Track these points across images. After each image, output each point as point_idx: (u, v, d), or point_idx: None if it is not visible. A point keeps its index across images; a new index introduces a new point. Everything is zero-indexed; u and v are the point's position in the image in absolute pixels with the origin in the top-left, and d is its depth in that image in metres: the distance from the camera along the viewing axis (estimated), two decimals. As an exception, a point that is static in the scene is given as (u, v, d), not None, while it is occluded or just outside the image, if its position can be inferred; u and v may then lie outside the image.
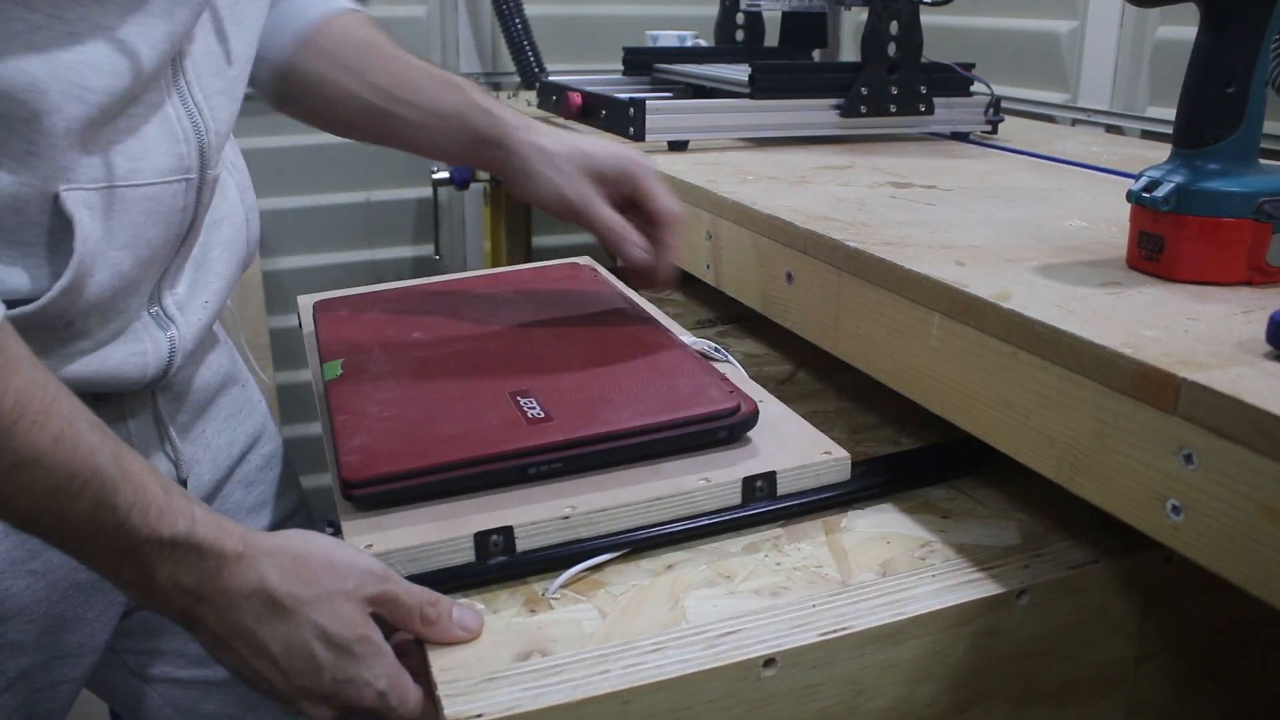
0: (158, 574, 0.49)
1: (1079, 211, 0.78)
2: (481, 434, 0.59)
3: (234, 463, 0.78)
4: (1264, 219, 0.55)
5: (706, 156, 1.03)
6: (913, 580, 0.55)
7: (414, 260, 1.90)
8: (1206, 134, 0.56)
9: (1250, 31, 0.55)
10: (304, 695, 0.52)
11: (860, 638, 0.51)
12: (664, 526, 0.57)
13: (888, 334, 0.63)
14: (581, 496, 0.57)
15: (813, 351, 0.89)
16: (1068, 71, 1.42)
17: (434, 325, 0.77)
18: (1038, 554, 0.57)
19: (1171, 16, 1.26)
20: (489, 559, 0.54)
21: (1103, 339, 0.48)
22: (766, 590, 0.54)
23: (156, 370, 0.63)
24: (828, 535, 0.60)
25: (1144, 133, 1.32)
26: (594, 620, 0.51)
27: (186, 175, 0.59)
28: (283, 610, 0.50)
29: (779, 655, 0.49)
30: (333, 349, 0.74)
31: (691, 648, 0.49)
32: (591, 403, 0.62)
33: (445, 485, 0.57)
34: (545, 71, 1.72)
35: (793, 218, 0.74)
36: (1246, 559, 0.41)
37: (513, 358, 0.70)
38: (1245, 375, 0.43)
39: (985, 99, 1.16)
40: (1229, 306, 0.54)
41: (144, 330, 0.62)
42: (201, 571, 0.49)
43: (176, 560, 0.49)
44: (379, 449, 0.58)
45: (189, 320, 0.65)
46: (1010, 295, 0.55)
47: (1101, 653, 0.58)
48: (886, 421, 0.75)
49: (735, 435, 0.62)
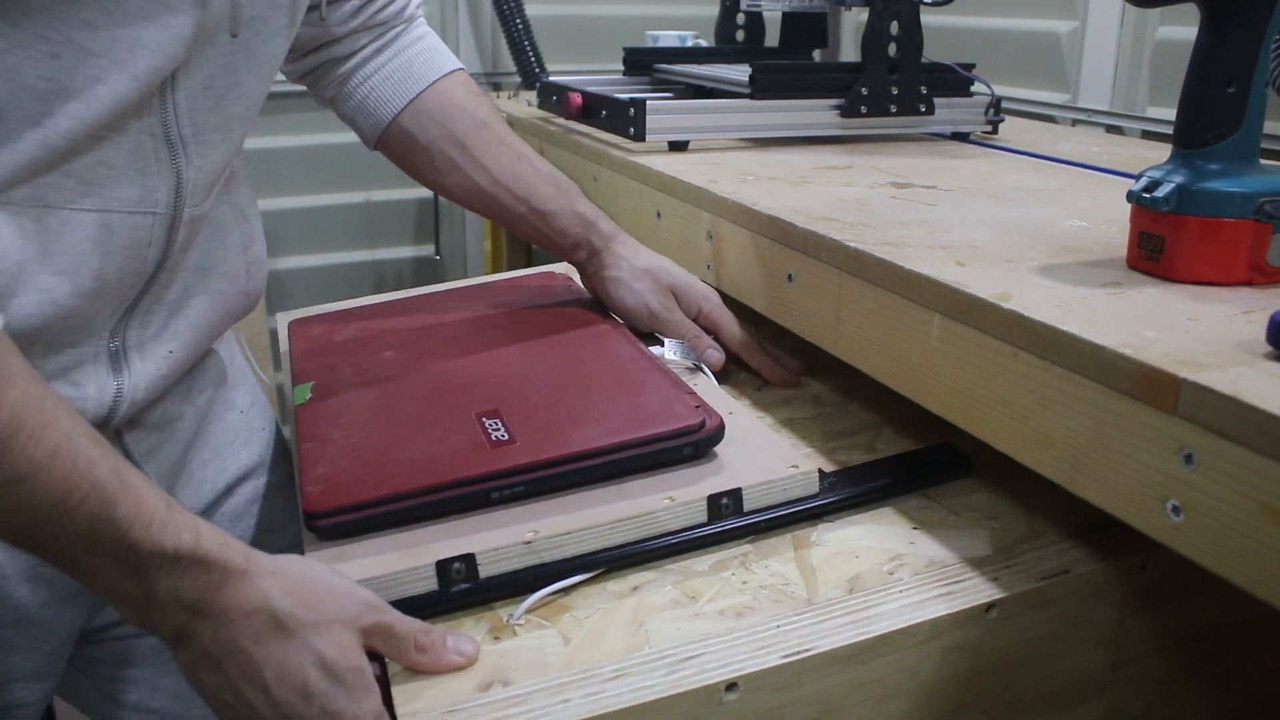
0: (158, 588, 0.48)
1: (1079, 212, 0.78)
2: (445, 459, 0.59)
3: (218, 495, 0.74)
4: (1264, 219, 0.55)
5: (707, 157, 1.03)
6: (880, 596, 0.54)
7: (414, 260, 1.90)
8: (1207, 134, 0.56)
9: (1250, 31, 0.55)
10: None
11: (825, 658, 0.50)
12: (629, 548, 0.57)
13: (888, 334, 0.63)
14: (545, 520, 0.56)
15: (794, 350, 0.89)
16: (1068, 72, 1.41)
17: (406, 343, 0.77)
18: (1008, 565, 0.57)
19: (1171, 16, 1.25)
20: (452, 587, 0.54)
21: (1103, 339, 0.48)
22: (731, 611, 0.53)
23: (94, 419, 0.59)
24: (796, 551, 0.59)
25: (1144, 133, 1.32)
26: (557, 647, 0.51)
27: (153, 210, 0.56)
28: (283, 631, 0.49)
29: (741, 679, 0.48)
30: (304, 371, 0.74)
31: (653, 674, 0.48)
32: (556, 422, 0.62)
33: (408, 513, 0.56)
34: (546, 71, 1.72)
35: (793, 218, 0.74)
36: (1247, 559, 0.41)
37: (481, 376, 0.70)
38: (1246, 375, 0.43)
39: (985, 99, 1.16)
40: (1229, 307, 0.54)
41: (91, 373, 0.58)
42: (204, 586, 0.48)
43: (179, 574, 0.48)
44: (342, 478, 0.58)
45: (145, 369, 0.61)
46: (1010, 295, 0.55)
47: (1077, 661, 0.57)
48: (862, 428, 0.75)
49: (701, 451, 0.62)
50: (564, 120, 1.25)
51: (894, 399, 0.78)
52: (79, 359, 0.58)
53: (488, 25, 1.88)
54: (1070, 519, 0.61)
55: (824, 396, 0.81)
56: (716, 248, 0.85)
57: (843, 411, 0.78)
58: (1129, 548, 0.58)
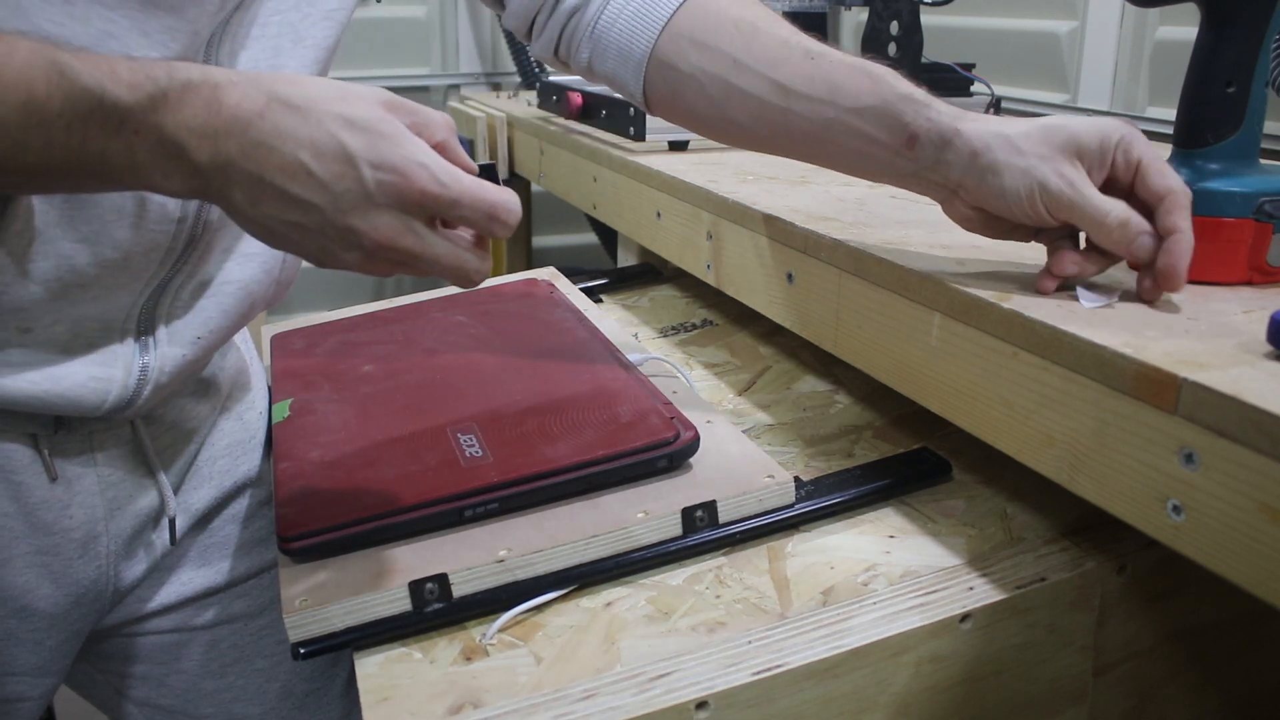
0: (165, 130, 0.44)
1: (1079, 211, 0.77)
2: (418, 477, 0.59)
3: (227, 494, 0.74)
4: (1264, 219, 0.55)
5: (707, 156, 1.03)
6: (853, 609, 0.54)
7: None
8: (1207, 134, 0.56)
9: (1250, 31, 0.55)
10: (355, 213, 0.46)
11: (796, 674, 0.49)
12: (602, 564, 0.56)
13: (888, 334, 0.63)
14: (518, 536, 0.56)
15: (785, 350, 0.89)
16: (1068, 72, 1.42)
17: (385, 356, 0.77)
18: (984, 573, 0.56)
19: (1171, 16, 1.26)
20: (425, 607, 0.53)
21: (1103, 339, 0.48)
22: (704, 626, 0.53)
23: (118, 401, 0.59)
24: (771, 562, 0.58)
25: (1144, 133, 1.32)
26: (529, 667, 0.50)
27: None
28: (299, 111, 0.45)
29: (711, 697, 0.48)
30: (284, 387, 0.74)
31: (623, 694, 0.48)
32: (530, 437, 0.62)
33: (381, 533, 0.56)
34: (545, 71, 1.72)
35: (793, 218, 0.74)
36: (1247, 559, 0.41)
37: (457, 390, 0.70)
38: (1246, 375, 0.43)
39: (985, 99, 1.16)
40: (1230, 306, 0.54)
41: (119, 352, 0.58)
42: (204, 106, 0.44)
43: (176, 109, 0.44)
44: (315, 499, 0.58)
45: (173, 353, 0.61)
46: (1011, 295, 0.55)
47: (1057, 668, 0.57)
48: (843, 432, 0.74)
49: (675, 464, 0.61)
50: (564, 120, 1.25)
51: (879, 401, 0.78)
52: (105, 336, 0.57)
53: (488, 25, 1.88)
54: (1050, 523, 0.61)
55: (806, 399, 0.80)
56: (716, 248, 0.85)
57: (824, 416, 0.77)
58: (1107, 552, 0.58)
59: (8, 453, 0.59)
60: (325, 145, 0.45)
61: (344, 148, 0.45)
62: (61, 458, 0.62)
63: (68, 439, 0.61)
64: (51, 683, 0.67)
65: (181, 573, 0.72)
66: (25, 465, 0.60)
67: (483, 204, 0.47)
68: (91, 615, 0.68)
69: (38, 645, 0.64)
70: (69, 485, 0.62)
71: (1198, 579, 0.49)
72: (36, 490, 0.61)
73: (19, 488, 0.60)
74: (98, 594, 0.66)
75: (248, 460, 0.75)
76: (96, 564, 0.65)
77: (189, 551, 0.72)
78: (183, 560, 0.72)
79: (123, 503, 0.66)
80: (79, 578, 0.64)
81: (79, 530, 0.63)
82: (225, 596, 0.74)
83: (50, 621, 0.64)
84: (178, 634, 0.73)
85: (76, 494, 0.63)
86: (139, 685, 0.75)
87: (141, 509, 0.67)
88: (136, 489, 0.66)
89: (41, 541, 0.62)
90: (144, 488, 0.67)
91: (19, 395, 0.56)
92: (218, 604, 0.74)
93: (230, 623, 0.75)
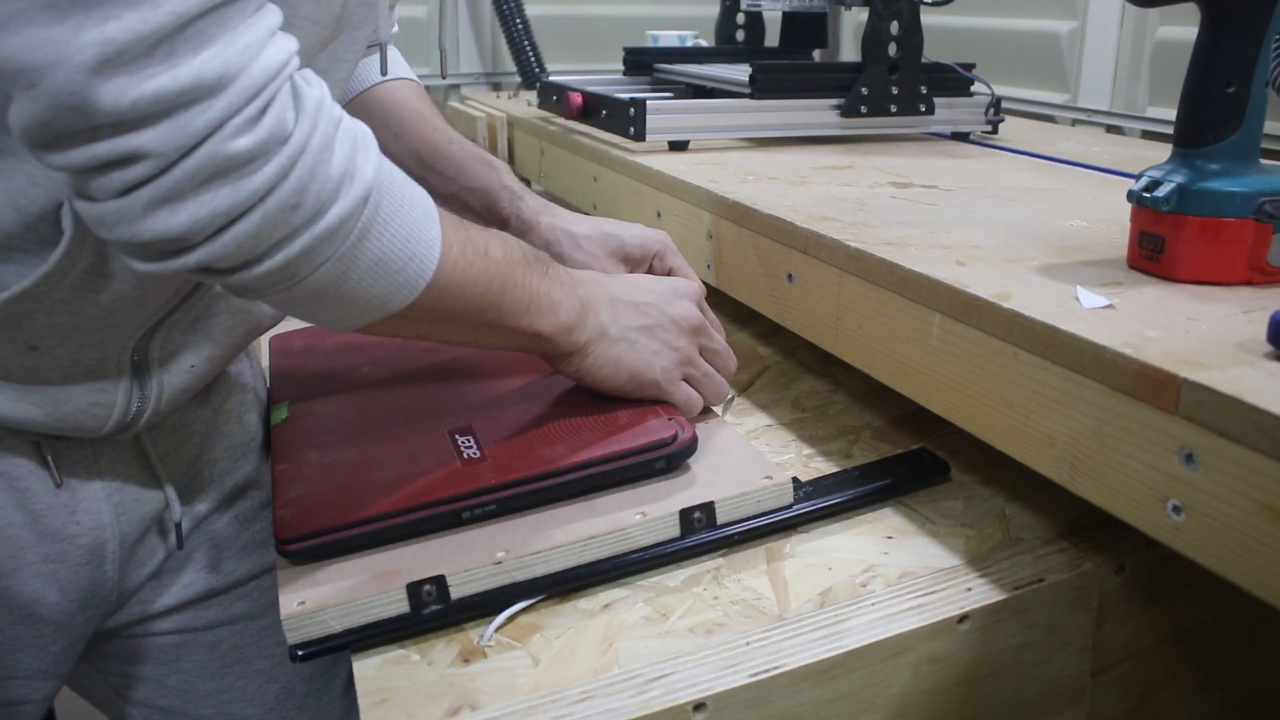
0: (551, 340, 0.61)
1: (1079, 212, 0.78)
2: (416, 479, 0.59)
3: (229, 495, 0.74)
4: (1265, 219, 0.55)
5: (707, 156, 1.03)
6: (851, 610, 0.53)
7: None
8: (1207, 134, 0.56)
9: (1250, 31, 0.55)
10: (678, 362, 0.65)
11: (794, 676, 0.49)
12: (600, 565, 0.56)
13: (888, 334, 0.63)
14: (516, 538, 0.56)
15: (784, 350, 0.89)
16: (1068, 72, 1.42)
17: (383, 357, 0.77)
18: (983, 573, 0.56)
19: (1171, 16, 1.26)
20: (424, 609, 0.53)
21: (1103, 339, 0.48)
22: (702, 628, 0.52)
23: (116, 426, 0.61)
24: (769, 563, 0.58)
25: (1144, 133, 1.32)
26: (526, 669, 0.50)
27: None
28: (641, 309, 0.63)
29: (709, 699, 0.48)
30: (283, 389, 0.74)
31: (620, 696, 0.48)
32: (529, 438, 0.62)
33: (378, 535, 0.56)
34: (545, 71, 1.72)
35: (793, 218, 0.74)
36: (1248, 559, 0.41)
37: (455, 390, 0.70)
38: (1246, 375, 0.43)
39: (985, 99, 1.16)
40: (1230, 306, 0.54)
41: (118, 379, 0.59)
42: (569, 332, 0.61)
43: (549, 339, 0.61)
44: (313, 501, 0.58)
45: (170, 381, 0.62)
46: (1011, 295, 0.55)
47: (1056, 669, 0.57)
48: (841, 433, 0.74)
49: (674, 465, 0.61)
50: (564, 120, 1.25)
51: (877, 402, 0.78)
52: (105, 362, 0.58)
53: (488, 25, 1.88)
54: (1048, 523, 0.61)
55: (805, 400, 0.80)
56: (716, 248, 0.85)
57: (823, 416, 0.77)
58: (1105, 552, 0.58)
59: (12, 462, 0.59)
60: (657, 325, 0.65)
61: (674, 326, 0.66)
62: (66, 465, 0.62)
63: (71, 447, 0.62)
64: (54, 685, 0.67)
65: (184, 575, 0.72)
66: (30, 473, 0.60)
67: (732, 356, 0.69)
68: (95, 619, 0.68)
69: (42, 650, 0.64)
70: (74, 492, 0.62)
71: (1196, 579, 0.49)
72: (43, 497, 0.61)
73: (24, 495, 0.60)
74: (103, 598, 0.66)
75: (248, 462, 0.76)
76: (103, 569, 0.65)
77: (192, 554, 0.72)
78: (185, 562, 0.72)
79: (129, 508, 0.66)
80: (85, 583, 0.64)
81: (86, 537, 0.63)
82: (227, 598, 0.74)
83: (55, 627, 0.64)
84: (179, 635, 0.73)
85: (82, 500, 0.63)
86: (139, 686, 0.75)
87: (147, 513, 0.67)
88: (141, 494, 0.67)
89: (49, 549, 0.62)
90: (149, 492, 0.67)
91: (22, 418, 0.57)
92: (219, 605, 0.74)
93: (231, 624, 0.75)
